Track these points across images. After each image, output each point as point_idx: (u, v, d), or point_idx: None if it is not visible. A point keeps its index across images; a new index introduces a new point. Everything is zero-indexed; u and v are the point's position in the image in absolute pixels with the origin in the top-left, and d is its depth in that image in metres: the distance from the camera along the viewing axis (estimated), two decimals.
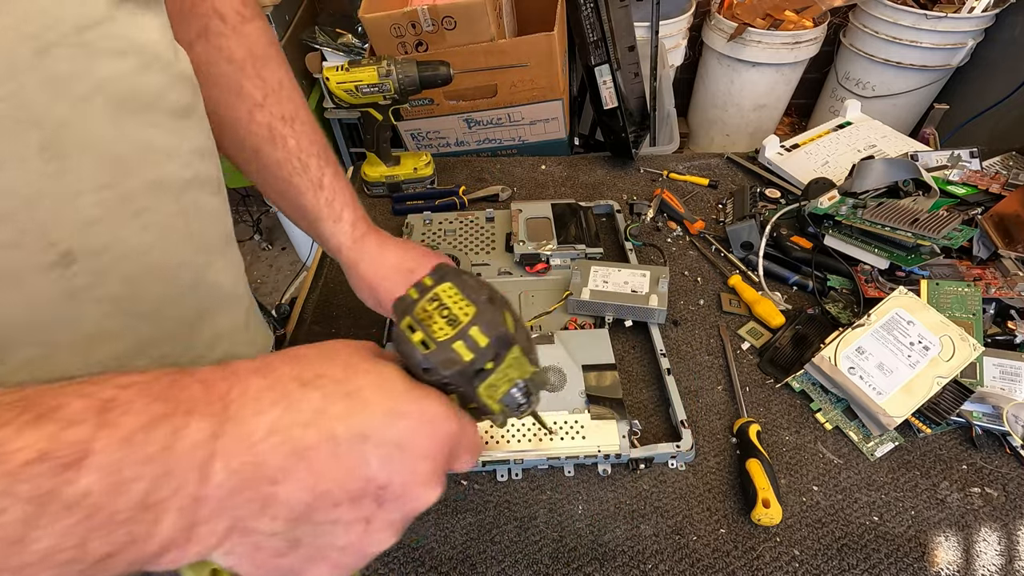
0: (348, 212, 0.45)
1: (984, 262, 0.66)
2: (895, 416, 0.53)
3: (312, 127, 0.44)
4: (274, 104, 0.43)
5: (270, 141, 0.43)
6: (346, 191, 0.46)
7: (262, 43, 0.42)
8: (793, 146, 0.91)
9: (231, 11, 0.41)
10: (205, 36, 0.40)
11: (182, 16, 0.39)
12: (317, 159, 0.44)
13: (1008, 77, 1.51)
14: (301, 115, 0.44)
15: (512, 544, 0.50)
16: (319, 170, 0.44)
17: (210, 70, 0.41)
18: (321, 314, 0.71)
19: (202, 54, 0.40)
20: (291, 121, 0.43)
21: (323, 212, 0.45)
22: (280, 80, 0.43)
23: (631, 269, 0.67)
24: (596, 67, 0.81)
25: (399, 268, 0.46)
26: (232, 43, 0.41)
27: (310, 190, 0.44)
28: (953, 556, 0.48)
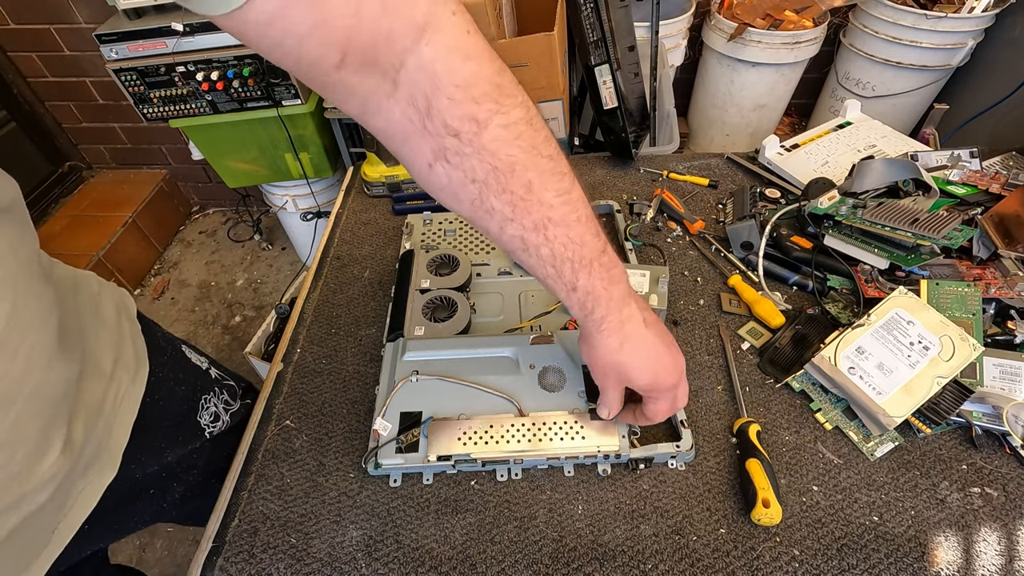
0: (599, 310, 0.45)
1: (984, 262, 0.66)
2: (895, 416, 0.53)
3: (567, 224, 0.42)
4: (523, 215, 0.40)
5: (524, 251, 0.42)
6: (600, 288, 0.45)
7: (506, 149, 0.38)
8: (793, 146, 0.91)
9: (465, 122, 0.36)
10: (444, 158, 0.38)
11: (416, 137, 0.37)
12: (571, 263, 0.43)
13: (1008, 77, 1.51)
14: (555, 215, 0.41)
15: (512, 544, 0.50)
16: (573, 274, 0.43)
17: (456, 192, 0.40)
18: (321, 314, 0.71)
19: (443, 176, 0.39)
20: (543, 228, 0.41)
21: (575, 309, 0.45)
22: (529, 183, 0.39)
23: (631, 269, 0.67)
24: (596, 67, 0.81)
25: (620, 371, 0.47)
26: (473, 162, 0.38)
27: (563, 291, 0.44)
28: (953, 556, 0.48)
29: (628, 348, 0.46)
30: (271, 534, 0.51)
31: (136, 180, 2.14)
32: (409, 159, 0.39)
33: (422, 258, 0.71)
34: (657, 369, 0.47)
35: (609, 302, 0.45)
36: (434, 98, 0.35)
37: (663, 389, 0.48)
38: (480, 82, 0.36)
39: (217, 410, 0.63)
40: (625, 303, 0.46)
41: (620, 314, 0.46)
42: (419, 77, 0.34)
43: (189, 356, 0.63)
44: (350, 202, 0.89)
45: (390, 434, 0.54)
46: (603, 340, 0.46)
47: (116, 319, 0.52)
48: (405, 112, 0.36)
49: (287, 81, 1.33)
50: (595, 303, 0.45)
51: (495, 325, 0.67)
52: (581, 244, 0.43)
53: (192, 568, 0.49)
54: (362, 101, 0.36)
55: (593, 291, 0.44)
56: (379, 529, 0.51)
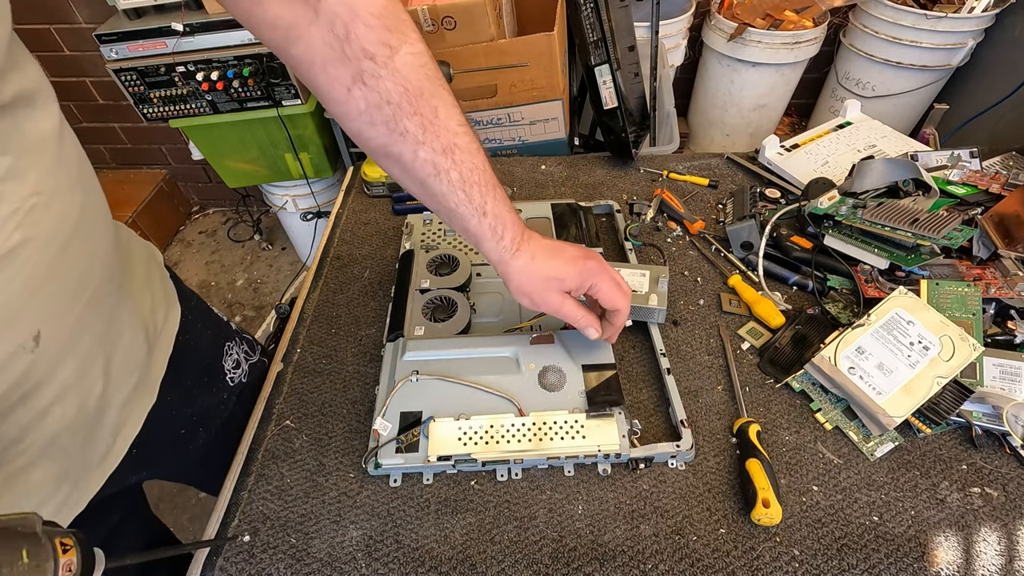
0: (508, 232, 0.48)
1: (984, 262, 0.66)
2: (895, 416, 0.53)
3: (471, 151, 0.46)
4: (433, 139, 0.44)
5: (435, 176, 0.45)
6: (506, 212, 0.48)
7: (415, 74, 0.42)
8: (793, 146, 0.91)
9: (379, 46, 0.41)
10: (361, 80, 0.41)
11: (335, 62, 0.40)
12: (479, 187, 0.46)
13: (1008, 77, 1.51)
14: (460, 141, 0.45)
15: (512, 544, 0.50)
16: (482, 198, 0.46)
17: (372, 115, 0.43)
18: (321, 314, 0.71)
19: (362, 99, 0.42)
20: (451, 152, 0.44)
21: (486, 235, 0.48)
22: (435, 109, 0.44)
23: (631, 269, 0.67)
24: (596, 67, 0.81)
25: (547, 278, 0.50)
26: (388, 84, 0.41)
27: (474, 217, 0.47)
28: (953, 556, 0.48)
29: (542, 256, 0.50)
30: (271, 534, 0.51)
31: (136, 180, 2.14)
32: (327, 86, 0.42)
33: (422, 258, 0.71)
34: (574, 258, 0.50)
35: (515, 224, 0.49)
36: (352, 25, 0.39)
37: (593, 271, 0.51)
38: (390, 14, 0.41)
39: (239, 358, 0.66)
40: (520, 224, 0.50)
41: (523, 232, 0.50)
42: (339, 8, 0.39)
43: (212, 308, 0.67)
44: (350, 202, 0.89)
45: (390, 434, 0.54)
46: (523, 261, 0.49)
47: (146, 264, 0.55)
48: (325, 39, 0.40)
49: (287, 81, 1.33)
50: (504, 226, 0.48)
51: (495, 325, 0.67)
52: (484, 170, 0.46)
53: (192, 568, 0.49)
54: (286, 29, 0.39)
55: (500, 214, 0.48)
56: (379, 529, 0.51)
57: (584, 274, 0.50)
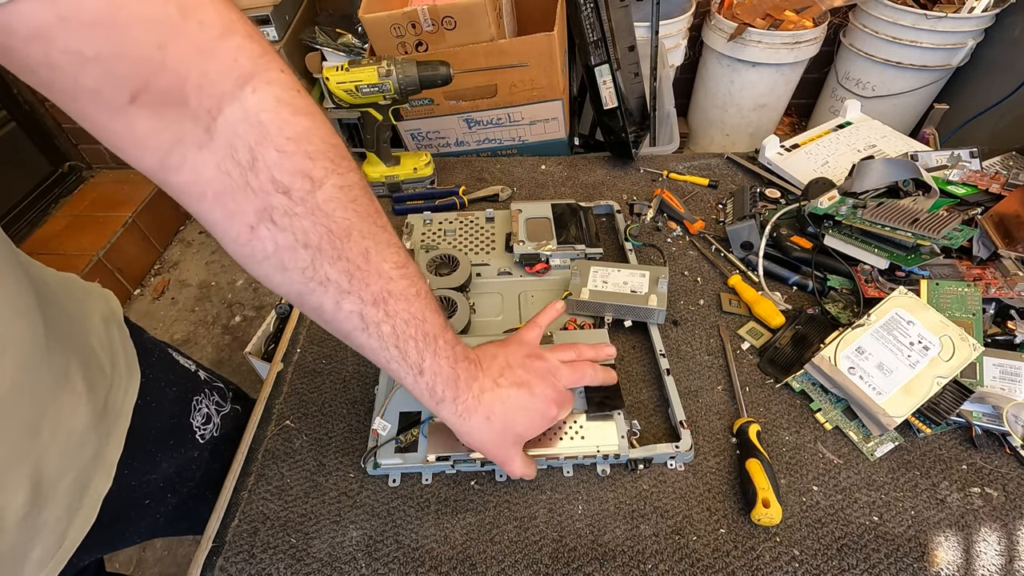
0: (451, 391, 0.41)
1: (984, 262, 0.66)
2: (895, 416, 0.53)
3: (408, 298, 0.38)
4: (361, 287, 0.36)
5: (362, 330, 0.38)
6: (448, 367, 0.41)
7: (343, 211, 0.34)
8: (793, 146, 0.91)
9: (298, 178, 0.32)
10: (270, 218, 0.32)
11: (234, 194, 0.31)
12: (415, 342, 0.39)
13: (1008, 77, 1.51)
14: (395, 288, 0.37)
15: (512, 544, 0.50)
16: (418, 355, 0.39)
17: (283, 260, 0.34)
18: None
19: (269, 241, 0.33)
20: (383, 302, 0.37)
21: (424, 396, 0.41)
22: (366, 252, 0.36)
23: (630, 269, 0.67)
24: (596, 67, 0.81)
25: (505, 434, 0.45)
26: (305, 223, 0.33)
27: (409, 376, 0.40)
28: (953, 556, 0.48)
29: (500, 414, 0.44)
30: (271, 534, 0.51)
31: (136, 180, 2.14)
32: (223, 222, 0.33)
33: (422, 258, 0.71)
34: (538, 413, 0.46)
35: (458, 381, 0.42)
36: (260, 150, 0.31)
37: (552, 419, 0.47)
38: (314, 139, 0.33)
39: (208, 411, 0.60)
40: (473, 376, 0.43)
41: (471, 390, 0.43)
42: (242, 128, 0.30)
43: (177, 358, 0.61)
44: None
45: (389, 434, 0.54)
46: (471, 423, 0.43)
47: (104, 327, 0.49)
48: (222, 165, 0.31)
49: None
50: (445, 386, 0.41)
51: (495, 325, 0.67)
52: (423, 320, 0.39)
53: (192, 568, 0.49)
54: (164, 152, 0.30)
55: (441, 372, 0.41)
56: (379, 529, 0.51)
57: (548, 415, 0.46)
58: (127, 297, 1.98)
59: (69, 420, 0.42)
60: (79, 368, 0.43)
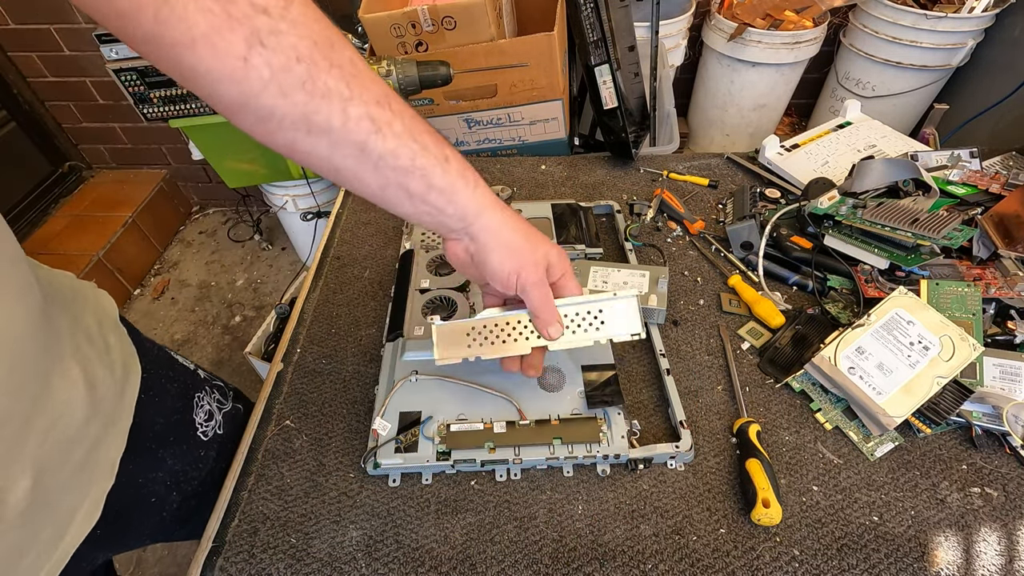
0: (478, 178, 0.42)
1: (984, 262, 0.66)
2: (895, 416, 0.53)
3: (402, 102, 0.39)
4: (362, 90, 0.36)
5: (376, 132, 0.37)
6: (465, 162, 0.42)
7: (315, 23, 0.34)
8: (793, 146, 0.91)
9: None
10: (259, 41, 0.32)
11: (220, 30, 0.31)
12: (431, 135, 0.39)
13: (1008, 77, 1.51)
14: (389, 91, 0.38)
15: (512, 544, 0.50)
16: (437, 145, 0.39)
17: (282, 81, 0.33)
18: (321, 314, 0.71)
19: (264, 66, 0.32)
20: (387, 102, 0.37)
21: (458, 183, 0.40)
22: (352, 59, 0.36)
23: (630, 269, 0.67)
24: (596, 67, 0.81)
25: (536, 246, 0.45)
26: (292, 39, 0.33)
27: (438, 166, 0.39)
28: (953, 556, 0.48)
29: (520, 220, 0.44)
30: (271, 534, 0.51)
31: (136, 180, 2.14)
32: (216, 66, 0.32)
33: (422, 258, 0.71)
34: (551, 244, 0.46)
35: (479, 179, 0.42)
36: None
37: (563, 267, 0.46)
38: None
39: (210, 407, 0.60)
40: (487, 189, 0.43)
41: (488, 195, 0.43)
42: None
43: (176, 357, 0.61)
44: (350, 202, 0.89)
45: (389, 434, 0.54)
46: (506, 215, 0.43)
47: (98, 327, 0.49)
48: (201, 4, 0.30)
49: None
50: (472, 172, 0.41)
51: None
52: (424, 120, 0.40)
53: (192, 568, 0.49)
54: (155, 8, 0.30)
55: (462, 160, 0.41)
56: (379, 529, 0.51)
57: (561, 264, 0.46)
58: (127, 297, 1.98)
59: (67, 410, 0.41)
60: (75, 360, 0.43)
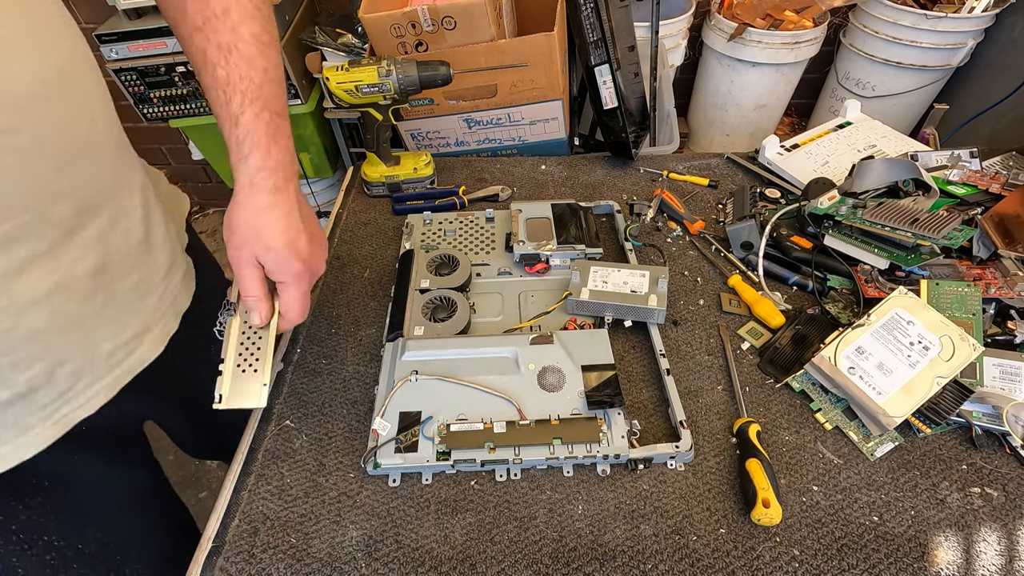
0: (256, 157, 0.44)
1: (984, 262, 0.66)
2: (895, 416, 0.53)
3: (251, 63, 0.44)
4: (211, 31, 0.43)
5: (203, 66, 0.44)
6: (265, 138, 0.44)
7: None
8: (793, 146, 0.91)
9: None
10: None
11: None
12: (243, 96, 0.43)
13: (1008, 77, 1.51)
14: (242, 48, 0.43)
15: (512, 544, 0.50)
16: (240, 107, 0.43)
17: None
18: (321, 314, 0.71)
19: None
20: (227, 51, 0.43)
21: (232, 148, 0.45)
22: (226, 8, 0.43)
23: (630, 269, 0.67)
24: (596, 67, 0.81)
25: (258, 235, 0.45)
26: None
27: (227, 123, 0.44)
28: (953, 556, 0.48)
29: (274, 213, 0.45)
30: (271, 534, 0.51)
31: None
32: None
33: (422, 258, 0.71)
34: (294, 246, 0.46)
35: (267, 156, 0.45)
36: None
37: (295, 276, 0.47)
38: None
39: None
40: (285, 176, 0.46)
41: (276, 176, 0.45)
42: None
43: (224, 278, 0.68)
44: (350, 202, 0.89)
45: (389, 434, 0.54)
46: (251, 196, 0.45)
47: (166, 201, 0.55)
48: None
49: (287, 81, 1.32)
50: (253, 147, 0.44)
51: (495, 325, 0.67)
52: (259, 86, 0.44)
53: (192, 568, 0.49)
54: None
55: (255, 133, 0.44)
56: (379, 529, 0.51)
57: (286, 272, 0.47)
58: None
59: (128, 219, 0.47)
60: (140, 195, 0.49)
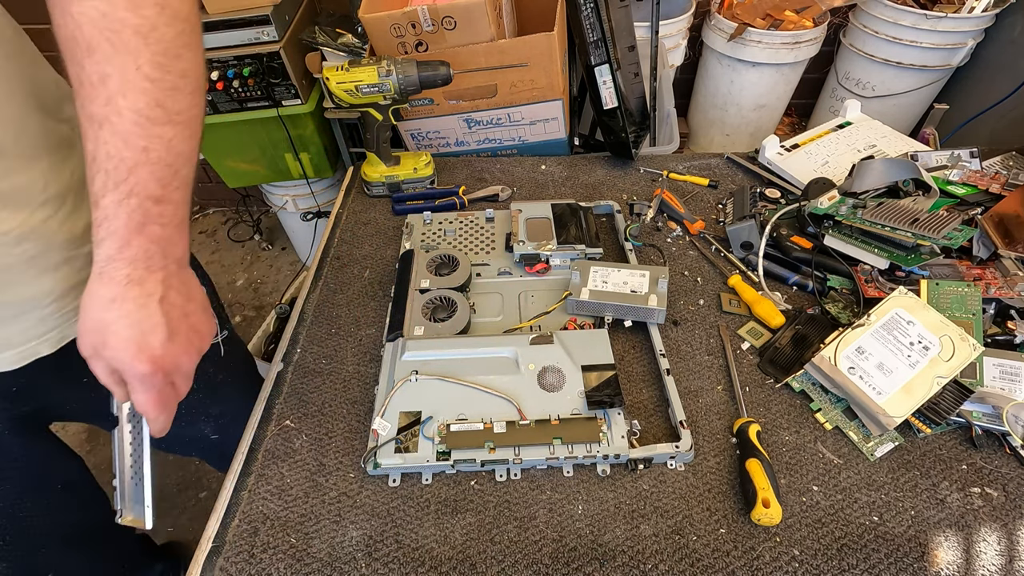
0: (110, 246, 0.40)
1: (984, 262, 0.66)
2: (895, 416, 0.53)
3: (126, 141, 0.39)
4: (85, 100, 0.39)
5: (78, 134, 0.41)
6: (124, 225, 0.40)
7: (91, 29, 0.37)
8: (793, 146, 0.91)
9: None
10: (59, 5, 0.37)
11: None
12: (106, 177, 0.39)
13: (1008, 77, 1.51)
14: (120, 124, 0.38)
15: (512, 544, 0.50)
16: (102, 188, 0.39)
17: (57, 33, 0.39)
18: (321, 314, 0.71)
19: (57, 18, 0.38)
20: (98, 126, 0.39)
21: (93, 227, 0.40)
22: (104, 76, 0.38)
23: (630, 269, 0.67)
24: (596, 67, 0.81)
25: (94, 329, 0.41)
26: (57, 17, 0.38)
27: (92, 198, 0.40)
28: (953, 556, 0.48)
29: (126, 304, 0.40)
30: (271, 534, 0.51)
31: None
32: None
33: (422, 258, 0.71)
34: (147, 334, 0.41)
35: (125, 247, 0.40)
36: None
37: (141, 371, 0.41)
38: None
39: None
40: (147, 267, 0.41)
41: (133, 267, 0.40)
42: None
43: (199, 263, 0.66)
44: (350, 202, 0.89)
45: (389, 434, 0.54)
46: (100, 287, 0.40)
47: None
48: None
49: (287, 81, 1.32)
50: (108, 235, 0.39)
51: (495, 325, 0.67)
52: (131, 169, 0.39)
53: (192, 568, 0.49)
54: None
55: (113, 220, 0.39)
56: (379, 529, 0.51)
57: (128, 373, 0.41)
58: None
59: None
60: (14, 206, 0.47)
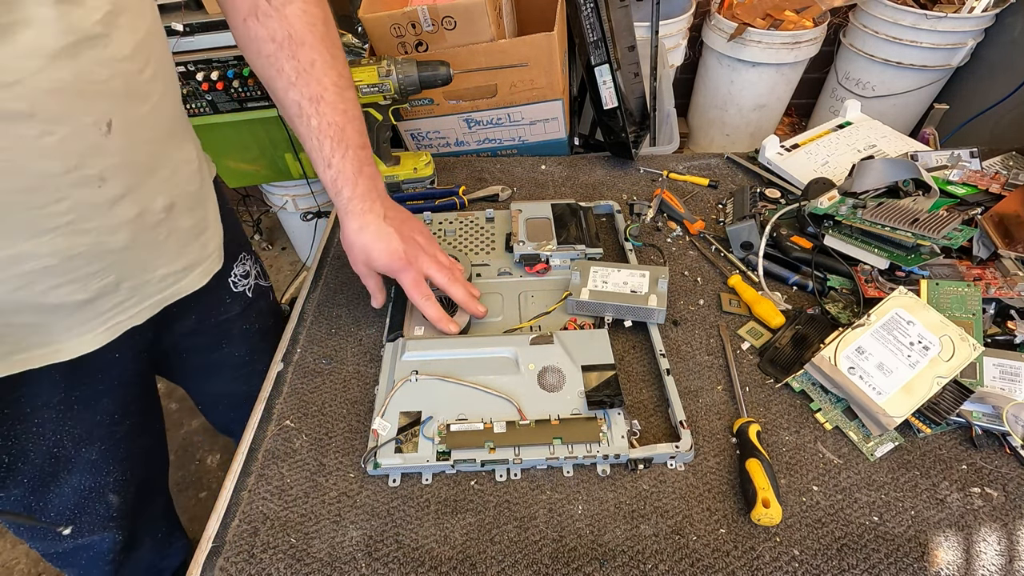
0: (347, 191, 0.55)
1: (984, 262, 0.66)
2: (895, 416, 0.53)
3: (335, 108, 0.52)
4: (303, 84, 0.51)
5: (298, 117, 0.53)
6: (352, 173, 0.54)
7: (301, 25, 0.51)
8: (793, 146, 0.91)
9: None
10: (255, 15, 0.50)
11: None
12: (331, 141, 0.53)
13: (1008, 77, 1.51)
14: (328, 96, 0.52)
15: (512, 544, 0.50)
16: (331, 151, 0.53)
17: (259, 47, 0.51)
18: (321, 314, 0.71)
19: (252, 30, 0.51)
20: (317, 101, 0.52)
21: (327, 184, 0.55)
22: (312, 61, 0.51)
23: (630, 269, 0.67)
24: (596, 67, 0.81)
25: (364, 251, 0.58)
26: (275, 24, 0.50)
27: (321, 165, 0.54)
28: (953, 556, 0.48)
29: (367, 232, 0.56)
30: (271, 534, 0.51)
31: None
32: (230, 10, 0.52)
33: None
34: (390, 251, 0.57)
35: (355, 187, 0.55)
36: None
37: (400, 268, 0.58)
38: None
39: (249, 270, 0.72)
40: (371, 198, 0.56)
41: (363, 203, 0.56)
42: None
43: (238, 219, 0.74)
44: None
45: (389, 434, 0.54)
46: (347, 222, 0.57)
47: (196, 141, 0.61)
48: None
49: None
50: (343, 184, 0.55)
51: (495, 325, 0.67)
52: (342, 129, 0.53)
53: (192, 568, 0.49)
54: None
55: (344, 172, 0.54)
56: (379, 529, 0.51)
57: (392, 266, 0.58)
58: None
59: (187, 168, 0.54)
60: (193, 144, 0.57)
